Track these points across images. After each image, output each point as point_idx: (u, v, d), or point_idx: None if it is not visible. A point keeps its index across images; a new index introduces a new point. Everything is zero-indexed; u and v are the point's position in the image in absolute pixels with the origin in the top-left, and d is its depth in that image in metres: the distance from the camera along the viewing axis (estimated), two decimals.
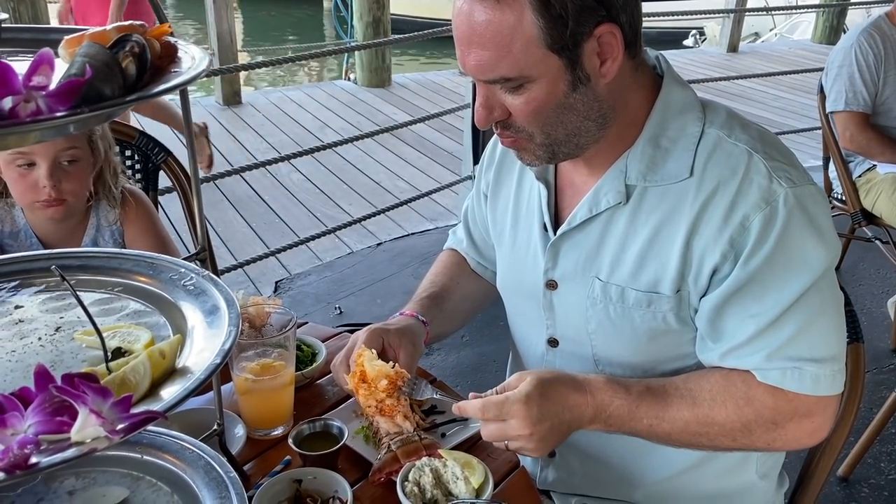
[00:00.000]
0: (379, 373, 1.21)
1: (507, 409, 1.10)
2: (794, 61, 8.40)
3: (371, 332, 1.32)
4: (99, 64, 0.61)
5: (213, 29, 6.52)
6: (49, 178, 1.60)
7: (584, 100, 1.09)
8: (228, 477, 0.96)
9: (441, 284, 1.53)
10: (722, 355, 1.16)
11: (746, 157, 1.12)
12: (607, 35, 1.05)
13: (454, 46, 1.10)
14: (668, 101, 1.16)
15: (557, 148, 1.14)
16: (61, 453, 0.63)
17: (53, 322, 0.88)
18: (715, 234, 1.11)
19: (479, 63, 1.06)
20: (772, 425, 1.14)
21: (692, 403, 1.15)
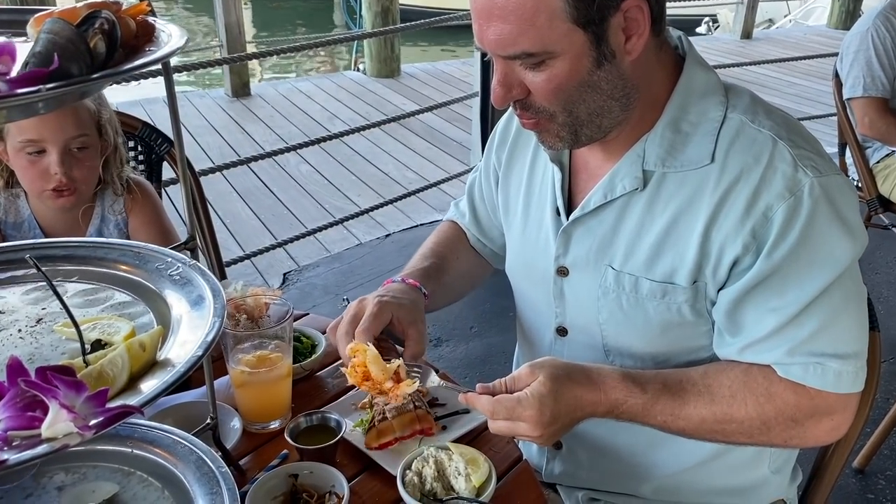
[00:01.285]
0: (385, 373, 1.15)
1: (518, 413, 1.05)
2: (810, 47, 8.27)
3: (381, 304, 1.24)
4: (63, 41, 0.58)
5: (221, 20, 6.51)
6: (60, 164, 1.58)
7: (609, 77, 1.04)
8: (220, 472, 0.94)
9: (441, 256, 1.48)
10: (741, 350, 1.12)
11: (771, 145, 1.07)
12: (634, 10, 1.00)
13: (463, 36, 1.06)
14: (689, 83, 1.11)
15: (580, 129, 1.09)
16: (31, 450, 0.61)
17: (35, 314, 0.85)
18: (736, 225, 1.06)
19: (499, 37, 1.01)
20: (791, 423, 1.10)
21: (710, 401, 1.11)
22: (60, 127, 1.58)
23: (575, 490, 1.37)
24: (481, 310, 3.43)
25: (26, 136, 1.56)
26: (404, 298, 1.29)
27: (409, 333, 1.26)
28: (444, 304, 1.48)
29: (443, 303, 1.47)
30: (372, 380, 1.15)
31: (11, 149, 1.61)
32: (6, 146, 1.62)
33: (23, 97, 0.55)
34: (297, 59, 11.28)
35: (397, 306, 1.26)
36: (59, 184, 1.60)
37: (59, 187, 1.60)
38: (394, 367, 1.14)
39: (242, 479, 1.14)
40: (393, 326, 1.26)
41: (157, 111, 5.55)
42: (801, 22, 11.37)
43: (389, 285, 1.34)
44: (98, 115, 1.68)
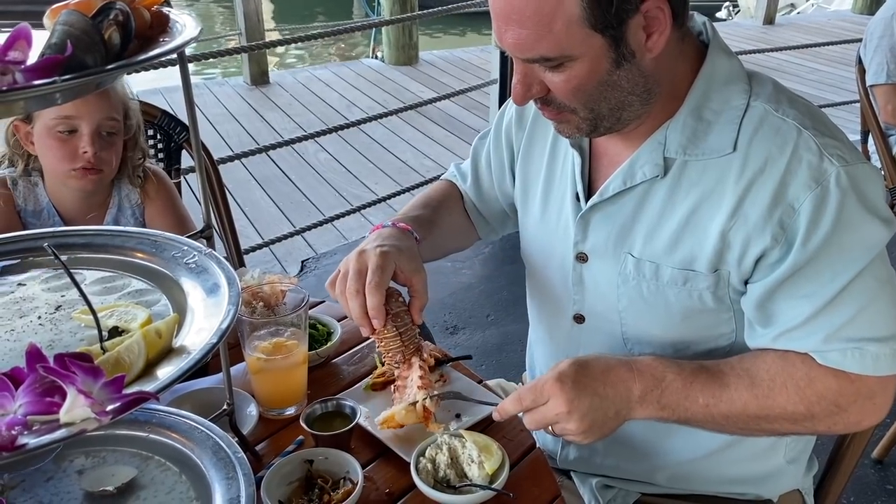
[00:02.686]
0: (418, 418, 1.20)
1: (540, 390, 1.06)
2: (834, 33, 8.15)
3: (384, 258, 1.20)
4: (78, 32, 0.58)
5: (240, 8, 6.52)
6: (91, 144, 1.61)
7: (629, 76, 1.04)
8: (237, 457, 0.95)
9: (434, 209, 1.45)
10: (775, 338, 1.10)
11: (795, 134, 1.05)
12: (654, 10, 0.99)
13: (482, 23, 1.06)
14: (712, 71, 1.10)
15: (600, 122, 1.09)
16: (49, 434, 0.62)
17: (54, 301, 0.87)
18: (763, 216, 1.05)
19: (516, 42, 1.01)
20: (835, 408, 1.08)
21: (751, 384, 1.09)
22: (97, 107, 1.62)
23: (589, 477, 1.38)
24: (497, 298, 3.44)
25: (62, 113, 1.59)
26: (402, 245, 1.26)
27: (413, 283, 1.24)
28: (430, 258, 1.42)
29: (429, 256, 1.40)
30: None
31: (41, 129, 1.63)
32: (33, 128, 1.64)
33: (39, 88, 0.56)
34: (316, 47, 11.28)
35: (398, 254, 1.23)
36: (87, 163, 1.63)
37: (87, 166, 1.63)
38: (421, 406, 1.19)
39: (258, 464, 1.16)
40: (397, 276, 1.23)
41: (176, 99, 5.58)
42: (824, 7, 11.18)
43: (380, 230, 1.30)
44: (127, 104, 1.72)
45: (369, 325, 1.20)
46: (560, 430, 1.08)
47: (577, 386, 1.05)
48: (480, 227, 1.55)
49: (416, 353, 1.24)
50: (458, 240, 1.55)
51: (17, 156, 1.71)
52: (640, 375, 1.09)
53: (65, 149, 1.63)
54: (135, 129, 1.75)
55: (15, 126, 1.67)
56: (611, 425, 1.09)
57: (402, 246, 1.26)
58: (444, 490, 1.09)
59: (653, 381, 1.09)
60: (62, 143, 1.62)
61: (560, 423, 1.06)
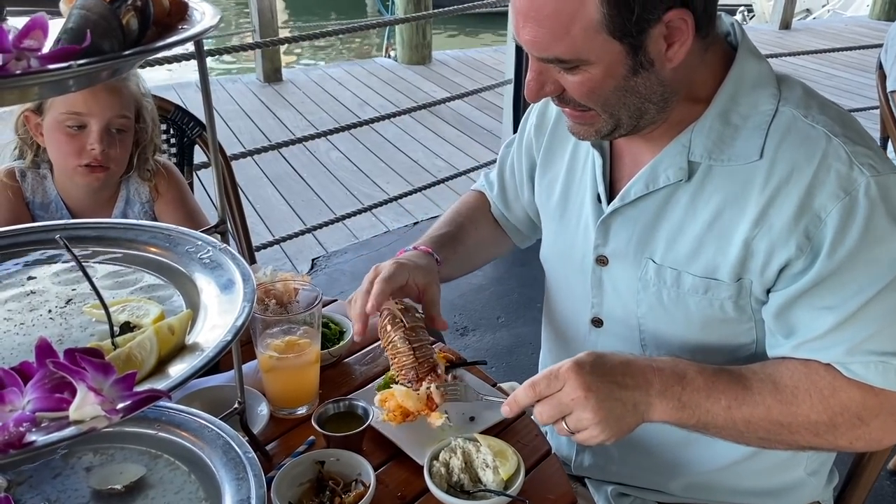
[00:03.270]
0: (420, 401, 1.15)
1: (556, 375, 1.01)
2: (851, 38, 8.09)
3: (398, 266, 1.25)
4: (96, 17, 0.57)
5: (254, 5, 6.52)
6: (99, 141, 1.60)
7: (646, 83, 1.02)
8: (247, 457, 0.93)
9: (459, 225, 1.47)
10: (796, 347, 1.07)
11: (824, 142, 1.02)
12: (677, 20, 0.97)
13: (496, 23, 1.04)
14: (741, 74, 1.08)
15: (618, 127, 1.08)
16: (58, 432, 0.60)
17: (65, 294, 0.85)
18: (789, 225, 1.02)
19: (532, 40, 0.99)
20: (857, 421, 1.05)
21: (774, 389, 1.05)
22: (108, 104, 1.60)
23: (604, 484, 1.35)
24: (508, 300, 3.41)
25: (72, 109, 1.58)
26: (419, 262, 1.31)
27: (425, 295, 1.27)
28: (459, 274, 1.48)
29: (458, 272, 1.47)
30: (412, 413, 1.15)
31: (51, 122, 1.62)
32: (43, 120, 1.63)
33: (54, 73, 0.54)
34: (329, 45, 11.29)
35: (412, 267, 1.27)
36: (93, 160, 1.61)
37: (93, 163, 1.62)
38: (425, 392, 1.15)
39: (269, 464, 1.14)
40: (409, 289, 1.26)
41: (189, 95, 5.58)
42: (840, 12, 11.10)
43: (403, 254, 1.35)
44: (140, 102, 1.70)
45: (364, 322, 1.24)
46: (575, 421, 1.01)
47: (595, 372, 1.01)
48: (513, 235, 1.54)
49: (431, 372, 1.19)
50: (490, 251, 1.56)
51: (27, 146, 1.70)
52: (660, 371, 1.05)
53: (72, 144, 1.61)
54: (150, 127, 1.74)
55: (25, 116, 1.66)
56: (628, 421, 1.03)
57: (420, 263, 1.31)
58: (457, 495, 1.07)
59: (674, 377, 1.05)
60: (70, 139, 1.61)
61: (576, 411, 1.00)
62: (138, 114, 1.70)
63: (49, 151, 1.67)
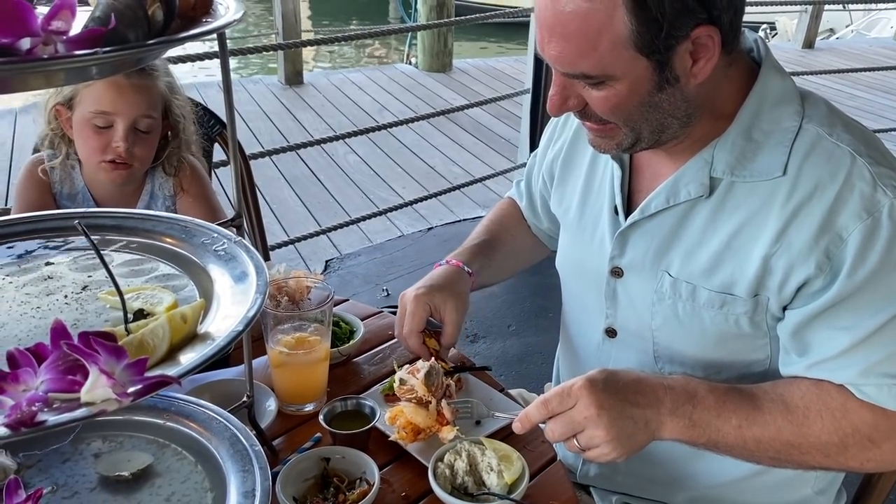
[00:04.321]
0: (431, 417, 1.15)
1: (568, 393, 1.02)
2: (875, 59, 8.03)
3: (416, 301, 1.28)
4: (122, 7, 0.58)
5: (278, 8, 6.57)
6: (124, 139, 1.62)
7: (671, 99, 1.01)
8: (254, 450, 0.94)
9: (494, 233, 1.49)
10: (809, 367, 1.07)
11: (849, 161, 1.02)
12: (705, 37, 0.96)
13: (516, 33, 1.04)
14: (764, 90, 1.07)
15: (640, 139, 1.07)
16: (69, 413, 0.61)
17: (81, 280, 0.86)
18: (809, 243, 1.01)
19: (559, 55, 0.98)
20: (868, 443, 1.04)
21: (785, 409, 1.05)
22: (134, 103, 1.62)
23: (609, 493, 1.35)
24: (520, 308, 3.41)
25: (100, 108, 1.60)
26: (442, 281, 1.33)
27: (443, 318, 1.29)
28: (496, 280, 1.51)
29: (494, 279, 1.49)
30: (423, 430, 1.15)
31: (79, 118, 1.64)
32: (73, 115, 1.66)
33: (80, 59, 0.55)
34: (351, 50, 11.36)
35: (431, 296, 1.29)
36: (117, 157, 1.63)
37: (117, 160, 1.64)
38: (435, 410, 1.15)
39: (275, 459, 1.14)
40: (434, 315, 1.29)
41: (210, 95, 5.63)
42: (864, 33, 11.03)
43: (434, 271, 1.38)
44: (168, 100, 1.72)
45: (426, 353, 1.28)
46: (587, 439, 1.02)
47: (608, 389, 1.02)
48: (547, 242, 1.56)
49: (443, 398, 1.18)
50: (526, 257, 1.57)
51: (59, 138, 1.72)
52: (671, 389, 1.05)
53: (98, 141, 1.63)
54: (181, 124, 1.76)
55: (56, 110, 1.68)
56: (639, 439, 1.04)
57: (443, 283, 1.33)
58: (461, 497, 1.06)
59: (685, 395, 1.05)
60: (96, 136, 1.63)
61: (588, 429, 1.01)
62: (167, 112, 1.72)
63: (77, 146, 1.69)
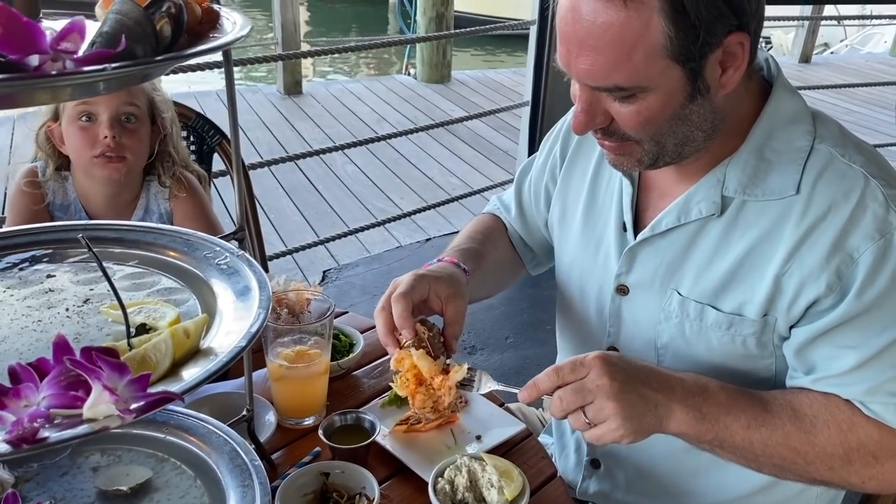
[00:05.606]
0: (436, 367, 1.12)
1: (581, 363, 1.00)
2: (871, 75, 8.09)
3: (416, 277, 1.18)
4: (131, 22, 0.58)
5: (277, 18, 6.60)
6: (110, 128, 1.63)
7: (700, 111, 1.00)
8: (253, 465, 0.93)
9: (480, 242, 1.42)
10: (815, 381, 1.06)
11: (863, 182, 1.02)
12: (735, 45, 0.96)
13: (515, 45, 1.03)
14: (777, 109, 1.07)
15: (662, 156, 1.05)
16: (71, 430, 0.61)
17: (83, 294, 0.86)
18: (821, 263, 1.01)
19: (590, 69, 0.96)
20: (872, 459, 1.04)
21: (793, 416, 1.04)
22: (114, 93, 1.62)
23: None
24: (518, 321, 3.40)
25: (81, 103, 1.61)
26: (442, 273, 1.24)
27: (447, 310, 1.20)
28: (480, 295, 1.41)
29: (479, 293, 1.39)
30: (425, 384, 1.12)
31: (66, 120, 1.65)
32: (61, 123, 1.66)
33: (88, 75, 0.55)
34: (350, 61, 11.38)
35: (434, 279, 1.20)
36: (106, 148, 1.63)
37: (107, 152, 1.63)
38: (442, 362, 1.12)
39: (274, 473, 1.14)
40: (432, 301, 1.20)
41: (209, 104, 5.64)
42: (858, 48, 11.10)
43: (427, 267, 1.29)
44: (151, 98, 1.72)
45: (395, 342, 1.16)
46: (595, 409, 0.98)
47: (621, 365, 1.01)
48: (527, 259, 1.51)
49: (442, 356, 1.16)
50: (506, 274, 1.50)
51: (51, 158, 1.73)
52: (682, 381, 1.05)
53: (86, 136, 1.64)
54: (170, 132, 1.76)
55: (49, 129, 1.70)
56: (648, 421, 1.01)
57: (443, 273, 1.23)
58: None
59: (696, 388, 1.04)
60: (83, 131, 1.64)
61: (598, 399, 0.98)
62: (152, 107, 1.73)
63: (68, 150, 1.69)
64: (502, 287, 1.53)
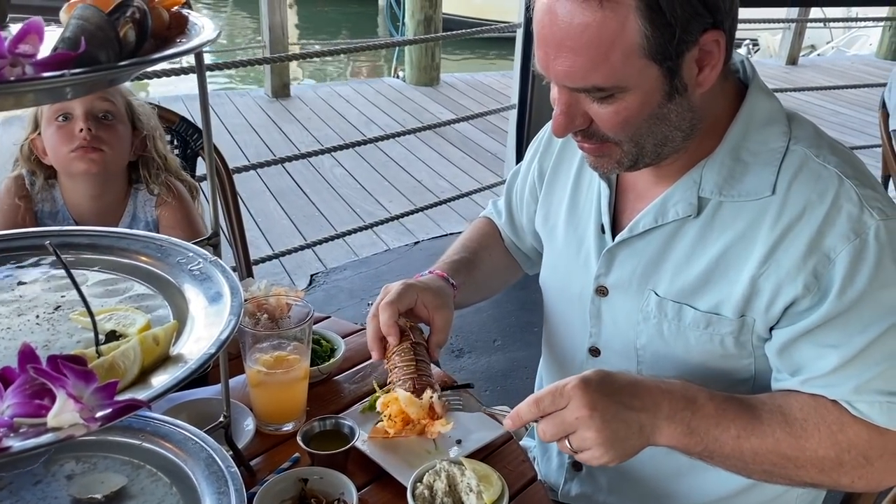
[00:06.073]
0: (423, 409, 1.13)
1: (561, 392, 0.98)
2: (857, 76, 8.14)
3: (405, 286, 1.24)
4: (93, 28, 0.57)
5: (265, 21, 6.60)
6: (85, 120, 1.62)
7: (678, 110, 1.01)
8: (229, 472, 0.93)
9: (473, 251, 1.46)
10: (802, 382, 1.06)
11: (837, 183, 1.03)
12: (712, 43, 0.97)
13: (504, 48, 1.03)
14: (752, 111, 1.08)
15: (642, 157, 1.06)
16: (35, 438, 0.60)
17: (54, 300, 0.85)
18: (797, 263, 1.02)
19: (568, 70, 0.97)
20: (863, 460, 1.03)
21: (783, 420, 1.03)
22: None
23: None
24: (506, 323, 3.40)
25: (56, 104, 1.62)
26: (430, 284, 1.29)
27: (434, 319, 1.25)
28: (474, 300, 1.47)
29: (473, 299, 1.46)
30: (412, 422, 1.14)
31: (44, 125, 1.65)
32: (41, 131, 1.66)
33: (48, 81, 0.55)
34: (338, 63, 11.37)
35: (422, 289, 1.26)
36: (83, 140, 1.62)
37: (84, 144, 1.63)
38: (427, 401, 1.13)
39: (252, 479, 1.13)
40: (419, 310, 1.25)
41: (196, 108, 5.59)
42: (844, 50, 11.17)
43: (418, 278, 1.34)
44: (128, 101, 1.72)
45: (380, 348, 1.22)
46: (578, 440, 0.98)
47: (602, 390, 0.99)
48: (523, 262, 1.54)
49: (429, 388, 1.16)
50: (503, 278, 1.55)
51: (37, 170, 1.73)
52: (670, 394, 1.03)
53: (63, 133, 1.64)
54: (151, 137, 1.75)
55: (33, 143, 1.69)
56: (633, 443, 1.01)
57: (431, 285, 1.29)
58: None
59: (684, 401, 1.02)
60: (60, 129, 1.64)
61: (579, 430, 0.97)
62: (131, 114, 1.72)
63: (48, 152, 1.69)
64: (499, 289, 1.58)
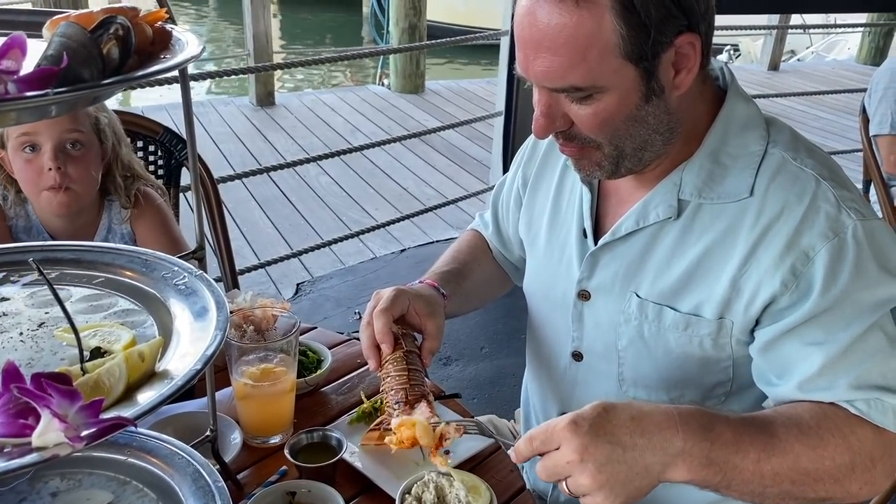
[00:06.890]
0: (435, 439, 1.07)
1: (551, 432, 0.91)
2: (838, 82, 8.22)
3: (397, 292, 1.23)
4: (76, 45, 0.57)
5: (249, 29, 6.58)
6: (53, 159, 1.55)
7: (656, 112, 1.03)
8: (216, 486, 0.92)
9: (463, 262, 1.46)
10: (798, 386, 1.05)
11: (814, 184, 1.04)
12: (687, 45, 0.99)
13: (488, 55, 1.04)
14: (730, 115, 1.10)
15: (622, 161, 1.07)
16: (19, 459, 0.59)
17: (38, 317, 0.84)
18: (775, 262, 1.03)
19: (547, 70, 0.98)
20: (869, 462, 1.01)
21: (800, 432, 0.98)
22: (56, 120, 1.54)
23: None
24: (493, 330, 3.41)
25: (22, 130, 1.55)
26: (422, 292, 1.30)
27: (426, 326, 1.25)
28: (465, 310, 1.47)
29: (463, 309, 1.45)
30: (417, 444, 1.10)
31: (11, 150, 1.59)
32: (7, 151, 1.60)
33: (31, 100, 0.54)
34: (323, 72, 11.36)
35: (414, 295, 1.26)
36: (53, 182, 1.56)
37: (54, 185, 1.56)
38: (440, 430, 1.06)
39: (240, 493, 1.13)
40: (411, 317, 1.25)
41: (179, 118, 5.57)
42: (823, 55, 11.30)
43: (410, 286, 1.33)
44: (95, 118, 1.65)
45: (376, 356, 1.21)
46: (574, 486, 0.91)
47: (595, 431, 0.90)
48: (512, 273, 1.54)
49: (421, 399, 1.14)
50: (492, 289, 1.55)
51: (8, 185, 1.67)
52: (684, 424, 0.93)
53: (31, 169, 1.57)
54: (113, 147, 1.69)
55: (1, 159, 1.63)
56: (638, 484, 0.91)
57: (423, 293, 1.29)
58: None
59: (701, 432, 0.93)
60: (27, 164, 1.57)
61: (573, 475, 0.90)
62: (99, 130, 1.65)
63: (17, 179, 1.63)
64: (490, 300, 1.57)
